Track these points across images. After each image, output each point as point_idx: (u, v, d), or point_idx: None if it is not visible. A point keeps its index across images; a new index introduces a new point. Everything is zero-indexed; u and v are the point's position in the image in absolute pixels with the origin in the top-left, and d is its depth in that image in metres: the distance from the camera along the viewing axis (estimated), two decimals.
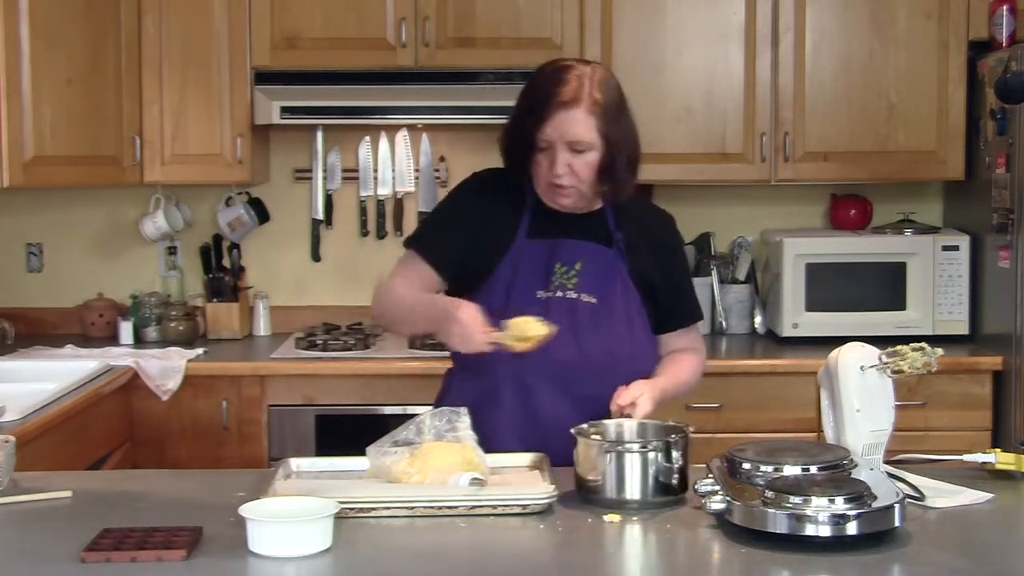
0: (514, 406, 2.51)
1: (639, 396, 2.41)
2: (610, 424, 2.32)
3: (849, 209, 4.52)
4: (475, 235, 2.58)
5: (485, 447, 2.30)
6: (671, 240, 2.73)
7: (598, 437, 2.23)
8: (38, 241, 4.61)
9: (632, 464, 2.14)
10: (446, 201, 2.72)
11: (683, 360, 2.68)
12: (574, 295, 2.54)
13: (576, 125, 2.45)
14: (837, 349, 2.31)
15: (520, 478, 2.27)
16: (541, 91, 2.49)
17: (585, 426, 2.26)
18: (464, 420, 2.31)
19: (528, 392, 2.51)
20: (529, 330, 2.35)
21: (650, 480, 2.13)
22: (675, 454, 2.15)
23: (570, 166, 2.48)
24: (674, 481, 2.15)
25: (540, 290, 2.54)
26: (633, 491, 2.13)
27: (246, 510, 1.91)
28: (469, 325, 2.36)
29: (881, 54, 4.26)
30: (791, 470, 2.05)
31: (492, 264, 2.56)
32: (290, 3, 4.20)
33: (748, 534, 1.93)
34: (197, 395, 3.93)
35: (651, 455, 2.14)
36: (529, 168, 2.55)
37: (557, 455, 2.30)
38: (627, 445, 2.19)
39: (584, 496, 2.17)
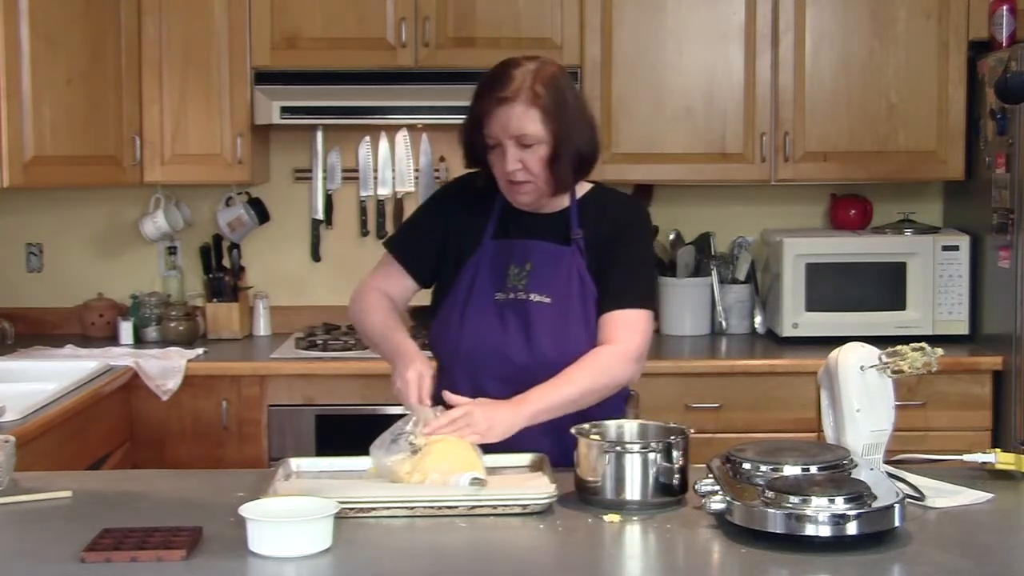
0: None
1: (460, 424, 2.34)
2: (610, 425, 2.32)
3: (849, 209, 4.52)
4: (446, 239, 2.63)
5: None
6: (625, 222, 2.60)
7: (598, 437, 2.23)
8: (38, 241, 4.61)
9: (632, 465, 2.14)
10: (422, 206, 2.79)
11: (578, 363, 2.46)
12: (524, 296, 2.54)
13: (516, 119, 2.45)
14: (837, 349, 2.31)
15: (520, 479, 2.27)
16: (482, 89, 2.52)
17: (586, 426, 2.26)
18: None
19: (482, 392, 2.48)
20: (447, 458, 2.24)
21: (650, 481, 2.13)
22: (675, 455, 2.15)
23: (522, 161, 2.48)
24: (674, 482, 2.15)
25: (498, 292, 2.56)
26: (633, 492, 2.13)
27: (246, 510, 1.91)
28: (407, 385, 2.43)
29: (881, 54, 4.26)
30: (791, 470, 2.05)
31: (460, 266, 2.59)
32: (290, 3, 4.20)
33: (748, 534, 1.93)
34: (197, 395, 3.92)
35: (651, 456, 2.14)
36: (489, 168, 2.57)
37: (567, 459, 2.28)
38: (627, 446, 2.19)
39: (584, 497, 2.17)
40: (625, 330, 2.50)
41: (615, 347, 2.49)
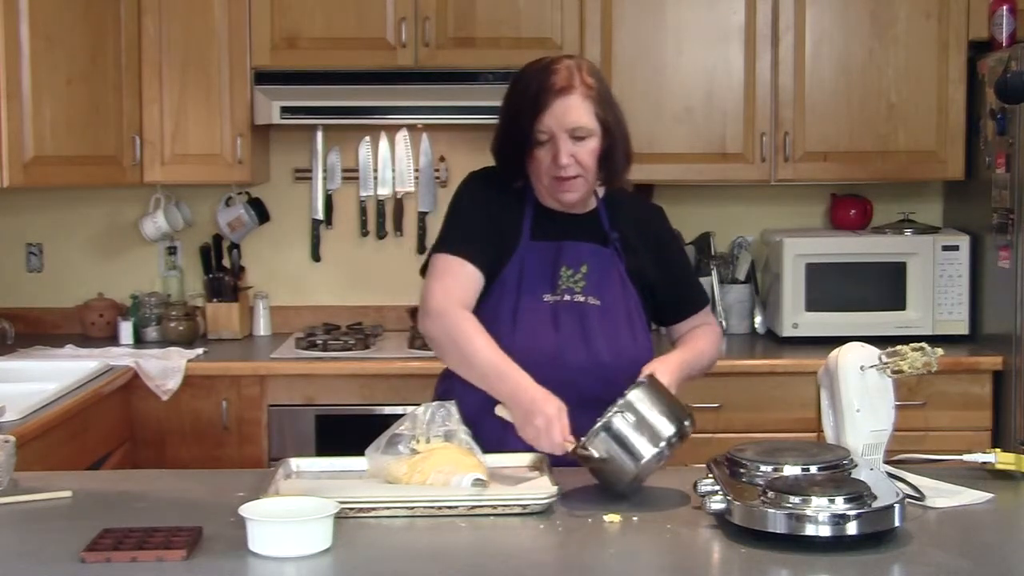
0: None
1: (654, 369, 2.40)
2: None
3: (849, 209, 4.52)
4: (492, 232, 2.55)
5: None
6: (665, 233, 2.72)
7: (586, 450, 2.21)
8: (38, 241, 4.61)
9: (633, 418, 2.18)
10: (458, 204, 2.62)
11: (696, 333, 2.69)
12: (582, 298, 2.53)
13: (574, 111, 2.45)
14: (837, 349, 2.31)
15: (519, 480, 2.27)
16: (532, 84, 2.49)
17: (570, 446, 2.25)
18: (454, 411, 2.31)
19: None
20: None
21: (661, 412, 2.19)
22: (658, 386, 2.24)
23: (573, 155, 2.47)
24: (670, 421, 2.19)
25: (547, 294, 2.53)
26: (658, 434, 2.17)
27: (246, 510, 1.91)
28: (554, 424, 2.28)
29: (881, 54, 4.26)
30: (791, 470, 2.05)
31: (501, 264, 2.54)
32: (290, 3, 4.20)
33: (748, 534, 1.93)
34: (197, 395, 3.93)
35: (625, 415, 2.18)
36: (526, 168, 2.54)
37: (565, 459, 2.29)
38: (609, 413, 2.20)
39: (610, 486, 2.19)
40: (713, 317, 2.78)
41: (717, 328, 2.76)
